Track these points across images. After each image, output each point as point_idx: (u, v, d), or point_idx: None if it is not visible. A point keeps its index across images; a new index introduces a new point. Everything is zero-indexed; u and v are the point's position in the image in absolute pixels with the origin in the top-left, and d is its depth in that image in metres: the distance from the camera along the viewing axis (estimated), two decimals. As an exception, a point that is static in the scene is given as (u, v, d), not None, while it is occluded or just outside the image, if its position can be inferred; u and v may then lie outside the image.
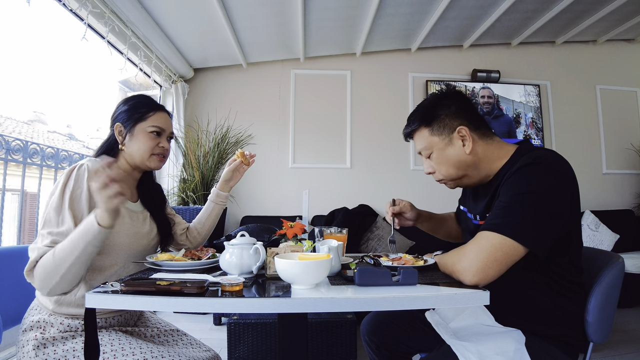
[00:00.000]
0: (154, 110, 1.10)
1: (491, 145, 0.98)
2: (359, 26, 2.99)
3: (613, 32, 3.53)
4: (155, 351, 0.93)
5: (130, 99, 1.12)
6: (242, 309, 0.70)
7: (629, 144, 3.68)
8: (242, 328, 1.74)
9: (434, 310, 1.05)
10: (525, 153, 0.90)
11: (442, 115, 0.98)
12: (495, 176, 0.97)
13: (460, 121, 0.97)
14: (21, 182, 1.99)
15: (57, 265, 0.83)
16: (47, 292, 0.85)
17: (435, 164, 1.02)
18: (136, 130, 1.07)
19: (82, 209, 0.92)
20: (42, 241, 0.87)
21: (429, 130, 1.00)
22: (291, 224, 1.06)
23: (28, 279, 0.85)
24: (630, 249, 3.19)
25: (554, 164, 0.85)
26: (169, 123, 1.15)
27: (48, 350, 0.89)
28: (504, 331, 0.88)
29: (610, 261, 0.96)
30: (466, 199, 1.18)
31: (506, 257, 0.78)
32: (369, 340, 1.20)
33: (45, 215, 0.90)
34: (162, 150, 1.11)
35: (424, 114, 1.02)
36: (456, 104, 0.99)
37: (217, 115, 3.33)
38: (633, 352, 2.05)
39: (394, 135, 3.49)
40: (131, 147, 1.07)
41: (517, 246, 0.78)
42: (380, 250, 2.93)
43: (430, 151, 1.01)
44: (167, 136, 1.13)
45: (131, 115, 1.07)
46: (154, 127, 1.08)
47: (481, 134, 0.98)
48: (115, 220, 0.86)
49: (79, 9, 1.93)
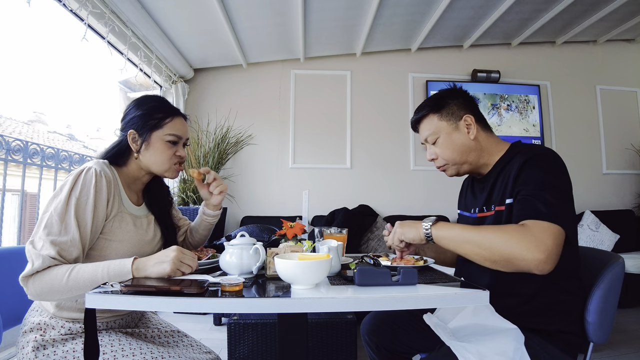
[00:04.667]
0: (171, 116, 1.04)
1: (491, 138, 1.07)
2: (359, 26, 2.99)
3: (613, 32, 3.53)
4: (155, 352, 0.92)
5: (143, 101, 1.05)
6: (242, 309, 0.70)
7: (629, 144, 3.68)
8: (242, 328, 1.74)
9: (431, 313, 1.04)
10: (521, 150, 0.98)
11: (451, 103, 1.07)
12: (492, 170, 1.04)
13: (466, 111, 1.06)
14: (21, 182, 1.99)
15: (70, 288, 0.81)
16: (41, 299, 0.84)
17: (440, 149, 1.07)
18: (153, 139, 1.01)
19: (87, 217, 0.88)
20: (44, 249, 0.83)
21: (438, 116, 1.07)
22: (291, 224, 1.06)
23: (22, 284, 0.82)
24: (630, 249, 3.19)
25: (557, 155, 0.94)
26: (186, 129, 1.08)
27: (48, 352, 0.88)
28: (503, 330, 0.88)
29: (610, 261, 0.96)
30: (464, 200, 1.21)
31: (562, 243, 0.81)
32: (369, 340, 1.20)
33: (48, 219, 0.85)
34: (180, 159, 1.06)
35: (434, 101, 1.09)
36: (464, 97, 1.09)
37: (217, 115, 3.33)
38: (633, 352, 2.05)
39: (394, 135, 3.50)
40: (147, 156, 1.02)
41: (563, 232, 0.81)
42: (380, 251, 2.93)
43: (437, 136, 1.06)
44: (184, 142, 1.08)
45: (146, 121, 1.01)
46: (171, 135, 1.02)
47: (483, 126, 1.08)
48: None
49: (79, 10, 1.93)
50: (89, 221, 0.88)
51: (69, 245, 0.85)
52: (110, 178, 0.94)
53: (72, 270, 0.82)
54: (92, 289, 0.80)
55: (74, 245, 0.86)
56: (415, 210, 3.37)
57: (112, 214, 0.95)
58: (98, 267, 0.84)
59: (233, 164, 3.33)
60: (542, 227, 0.80)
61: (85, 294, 0.72)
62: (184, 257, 0.86)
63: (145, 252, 1.01)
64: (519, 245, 0.78)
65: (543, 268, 0.77)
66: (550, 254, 0.77)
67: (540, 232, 0.79)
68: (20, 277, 0.82)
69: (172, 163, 1.04)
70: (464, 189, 1.24)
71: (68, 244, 0.85)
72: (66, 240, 0.85)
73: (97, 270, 0.83)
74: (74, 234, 0.85)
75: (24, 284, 0.82)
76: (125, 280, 0.82)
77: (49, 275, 0.81)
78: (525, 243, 0.78)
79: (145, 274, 0.84)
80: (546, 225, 0.80)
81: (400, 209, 3.39)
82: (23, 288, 0.83)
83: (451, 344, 0.87)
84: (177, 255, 0.85)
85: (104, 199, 0.91)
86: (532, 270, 0.78)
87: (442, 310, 1.02)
